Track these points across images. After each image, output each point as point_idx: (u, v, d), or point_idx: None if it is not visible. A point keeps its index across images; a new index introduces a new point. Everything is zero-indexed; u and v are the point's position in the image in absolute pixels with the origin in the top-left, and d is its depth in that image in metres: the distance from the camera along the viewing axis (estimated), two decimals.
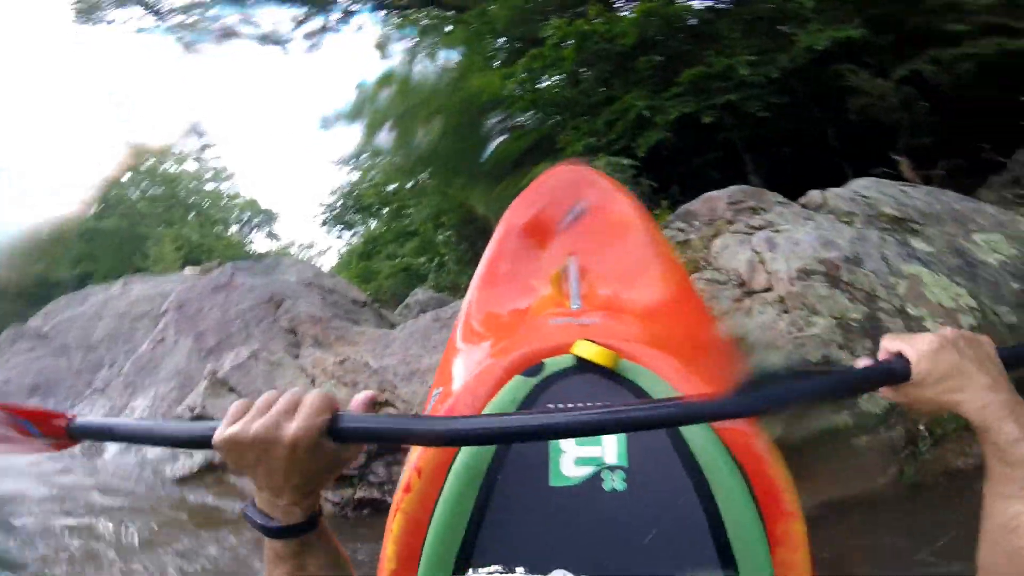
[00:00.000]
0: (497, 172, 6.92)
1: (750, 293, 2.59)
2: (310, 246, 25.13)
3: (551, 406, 0.71)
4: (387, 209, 11.32)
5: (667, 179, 5.43)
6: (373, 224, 12.45)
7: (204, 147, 26.98)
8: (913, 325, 2.42)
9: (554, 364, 0.75)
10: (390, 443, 0.55)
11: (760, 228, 2.92)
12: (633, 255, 1.25)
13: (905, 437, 2.20)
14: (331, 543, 0.55)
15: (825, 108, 5.75)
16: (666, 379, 0.73)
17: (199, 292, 4.31)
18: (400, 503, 0.64)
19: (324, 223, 13.21)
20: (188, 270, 6.72)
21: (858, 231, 2.88)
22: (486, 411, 0.71)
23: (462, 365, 1.04)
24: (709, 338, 1.11)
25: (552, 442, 0.67)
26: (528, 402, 0.72)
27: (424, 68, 8.43)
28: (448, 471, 0.63)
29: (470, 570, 0.52)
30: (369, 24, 10.57)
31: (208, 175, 26.87)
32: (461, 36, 8.52)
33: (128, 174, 24.10)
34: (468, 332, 1.18)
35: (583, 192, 1.38)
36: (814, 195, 3.33)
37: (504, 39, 8.83)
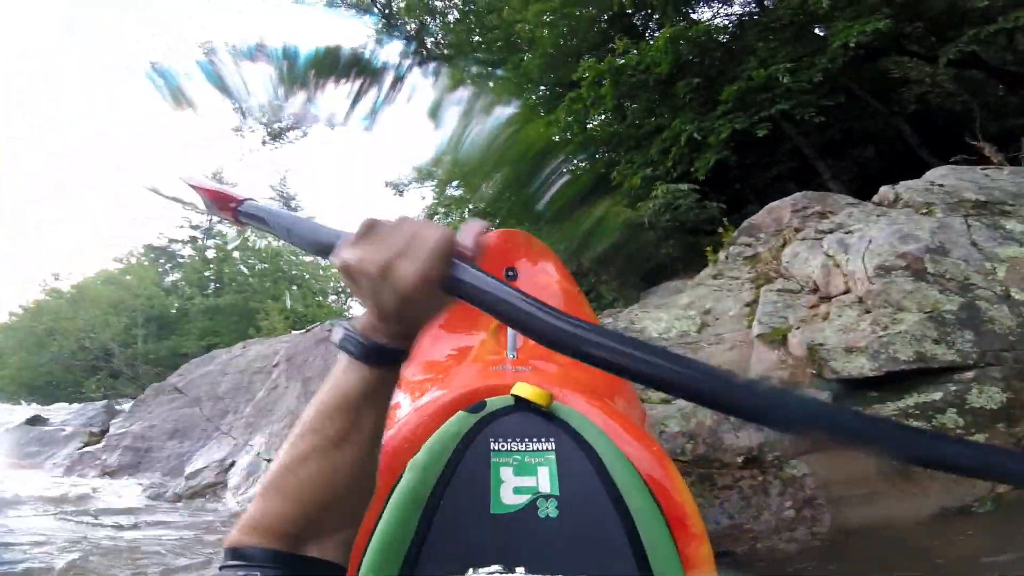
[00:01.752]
0: (557, 216, 7.12)
1: (827, 298, 2.52)
2: None
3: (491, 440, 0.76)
4: None
5: (739, 198, 5.37)
6: None
7: None
8: (1023, 311, 2.23)
9: (495, 403, 0.81)
10: (497, 316, 0.44)
11: (830, 231, 2.85)
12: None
13: None
14: (386, 418, 0.49)
15: (885, 102, 5.53)
16: (593, 420, 0.79)
17: (305, 345, 5.01)
18: None
19: None
20: (294, 332, 7.50)
21: (939, 220, 2.73)
22: (429, 443, 0.73)
23: (397, 403, 1.09)
24: (621, 383, 1.18)
25: (493, 472, 0.72)
26: (470, 435, 0.76)
27: (479, 128, 8.99)
28: (388, 496, 0.67)
29: (470, 570, 0.52)
30: (421, 88, 11.40)
31: None
32: (506, 88, 9.02)
33: (237, 252, 27.28)
34: (402, 383, 1.29)
35: (515, 254, 1.52)
36: (886, 191, 3.19)
37: (542, 87, 9.25)
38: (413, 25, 12.03)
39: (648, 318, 2.85)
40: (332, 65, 11.32)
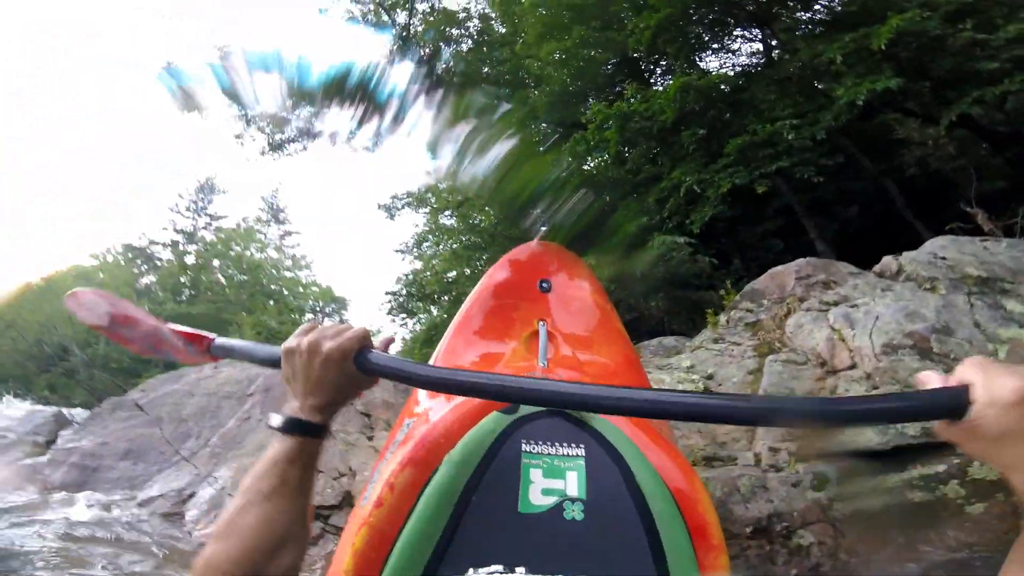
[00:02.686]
0: None
1: (833, 372, 2.48)
2: (377, 334, 26.21)
3: (523, 441, 0.78)
4: (447, 297, 11.75)
5: (727, 252, 5.36)
6: (435, 311, 12.90)
7: (285, 235, 29.65)
8: None
9: (528, 407, 0.82)
10: (398, 381, 0.59)
11: (835, 303, 2.82)
12: (591, 324, 1.44)
13: None
14: (314, 476, 0.62)
15: (880, 163, 5.61)
16: (622, 429, 0.81)
17: None
18: (368, 517, 0.67)
19: (389, 311, 13.76)
20: None
21: (943, 298, 2.73)
22: (465, 439, 0.75)
23: (434, 401, 1.10)
24: None
25: (523, 473, 0.74)
26: (504, 435, 0.77)
27: (479, 160, 8.98)
28: (422, 489, 0.69)
29: (470, 570, 0.54)
30: (427, 113, 11.50)
31: (288, 262, 29.24)
32: (510, 122, 9.11)
33: (217, 261, 26.67)
34: None
35: (550, 266, 1.57)
36: (888, 261, 3.21)
37: (544, 124, 9.37)
38: (427, 50, 12.19)
39: (650, 378, 2.79)
40: (344, 82, 11.33)
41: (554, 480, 0.73)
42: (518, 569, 0.55)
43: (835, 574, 1.93)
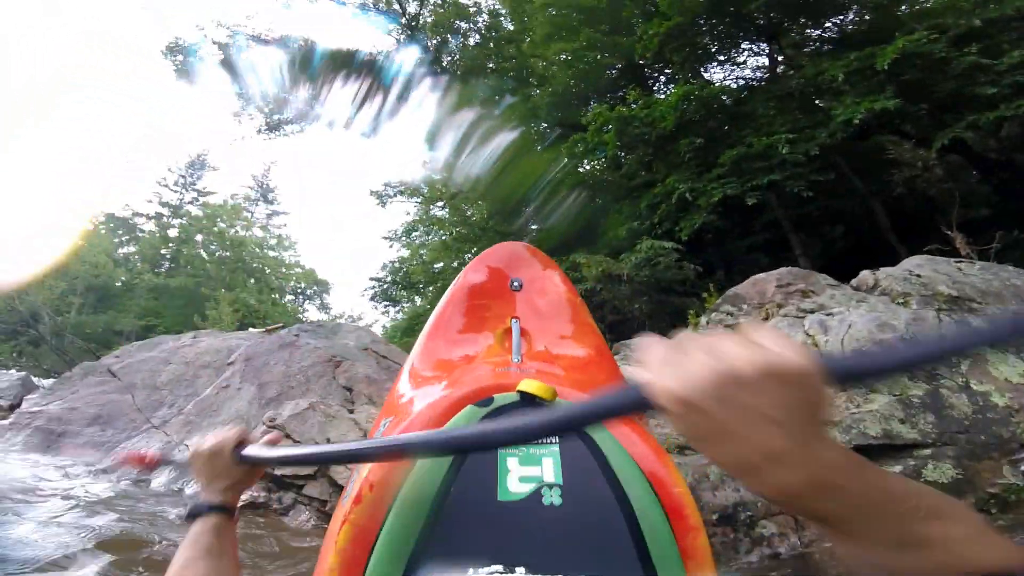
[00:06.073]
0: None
1: None
2: (358, 319, 25.89)
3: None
4: (432, 287, 11.74)
5: (712, 262, 5.43)
6: (418, 301, 12.85)
7: (272, 214, 29.30)
8: (979, 400, 2.38)
9: (502, 398, 0.86)
10: (277, 466, 0.62)
11: (811, 311, 2.93)
12: (562, 319, 1.50)
13: (976, 507, 2.07)
14: (233, 547, 0.72)
15: (869, 183, 5.65)
16: None
17: (267, 347, 4.69)
18: (348, 514, 0.69)
19: (372, 297, 13.70)
20: (253, 330, 7.14)
21: (914, 312, 2.86)
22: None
23: (411, 398, 1.17)
24: (621, 385, 1.29)
25: (500, 462, 0.76)
26: None
27: (478, 152, 9.00)
28: (401, 485, 0.71)
29: (470, 570, 0.55)
30: (429, 101, 11.41)
31: (272, 241, 28.88)
32: (512, 116, 9.11)
33: (200, 236, 26.22)
34: (414, 374, 1.35)
35: (521, 266, 1.62)
36: (866, 276, 3.33)
37: (544, 124, 9.40)
38: (434, 41, 12.17)
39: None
40: (346, 65, 11.25)
41: (531, 467, 0.76)
42: (518, 569, 0.55)
43: (794, 563, 2.00)
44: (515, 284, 1.56)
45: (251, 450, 0.74)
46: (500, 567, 0.57)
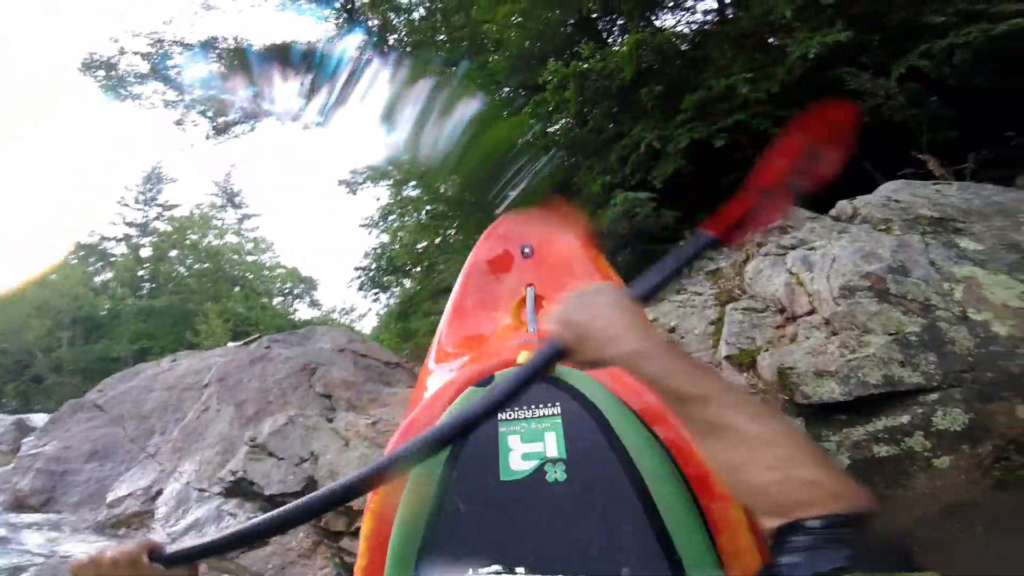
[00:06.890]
0: None
1: (793, 318, 2.46)
2: (351, 310, 25.73)
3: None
4: (419, 268, 11.58)
5: (692, 208, 5.37)
6: (408, 284, 12.68)
7: (242, 218, 28.62)
8: (980, 331, 2.25)
9: (503, 375, 0.83)
10: (209, 555, 0.63)
11: (792, 247, 2.81)
12: (577, 276, 1.46)
13: (993, 454, 2.00)
14: None
15: None
16: (599, 380, 0.80)
17: (238, 365, 4.57)
18: (370, 504, 0.72)
19: (360, 287, 13.49)
20: (231, 344, 7.07)
21: (898, 238, 2.73)
22: (442, 418, 0.75)
23: (432, 384, 1.15)
24: None
25: (500, 440, 0.74)
26: None
27: (440, 127, 8.76)
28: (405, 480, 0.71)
29: (470, 570, 0.55)
30: (380, 82, 11.01)
31: (248, 246, 28.33)
32: (471, 85, 8.86)
33: (174, 251, 25.62)
34: (441, 354, 1.35)
35: (530, 232, 1.60)
36: (844, 205, 3.21)
37: (507, 89, 9.17)
38: (376, 21, 11.62)
39: None
40: (285, 59, 10.82)
41: (533, 444, 0.73)
42: (518, 569, 0.55)
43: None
44: (526, 251, 1.54)
45: (178, 551, 0.64)
46: (499, 567, 0.56)
